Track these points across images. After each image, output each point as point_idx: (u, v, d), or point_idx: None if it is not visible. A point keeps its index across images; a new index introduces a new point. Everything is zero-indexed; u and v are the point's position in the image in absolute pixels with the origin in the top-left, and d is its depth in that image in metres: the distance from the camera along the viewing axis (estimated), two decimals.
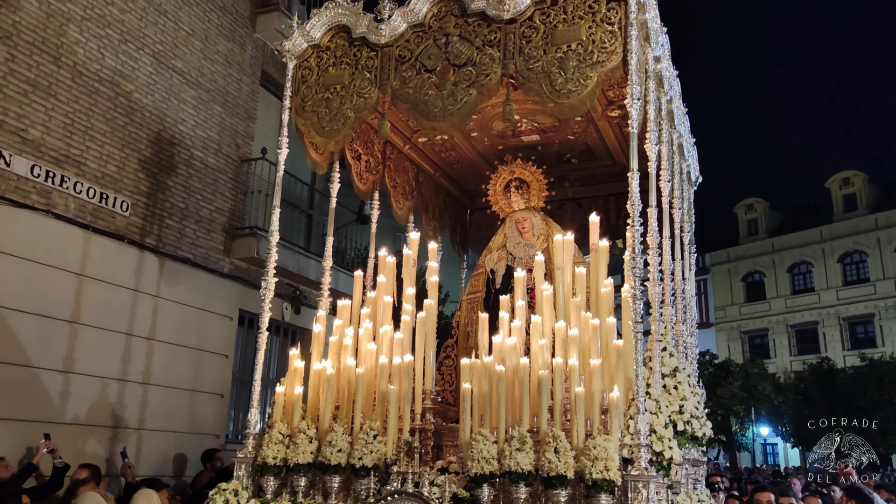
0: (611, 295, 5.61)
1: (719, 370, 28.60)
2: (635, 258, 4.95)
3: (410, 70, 5.50)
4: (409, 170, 7.58)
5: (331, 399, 5.36)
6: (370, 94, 5.60)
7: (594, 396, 4.99)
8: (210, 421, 9.95)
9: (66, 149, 8.06)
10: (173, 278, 9.38)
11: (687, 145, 7.29)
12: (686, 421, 5.43)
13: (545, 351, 5.28)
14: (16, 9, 7.54)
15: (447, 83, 5.34)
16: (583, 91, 5.08)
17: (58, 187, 7.90)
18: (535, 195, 7.04)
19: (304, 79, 5.91)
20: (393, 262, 6.21)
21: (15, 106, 7.51)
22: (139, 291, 8.92)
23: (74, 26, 8.21)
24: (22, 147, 7.54)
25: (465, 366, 5.28)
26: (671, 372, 5.52)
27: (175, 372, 9.34)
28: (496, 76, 5.27)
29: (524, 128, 7.06)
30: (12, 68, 7.50)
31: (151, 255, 9.13)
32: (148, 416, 8.93)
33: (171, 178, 9.52)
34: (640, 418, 4.68)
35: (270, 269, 5.63)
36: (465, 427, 5.07)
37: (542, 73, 5.16)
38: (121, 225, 8.77)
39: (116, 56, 8.76)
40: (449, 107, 5.30)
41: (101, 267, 8.36)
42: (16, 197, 7.44)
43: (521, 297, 5.83)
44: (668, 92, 6.25)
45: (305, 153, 6.10)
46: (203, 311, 9.87)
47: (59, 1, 8.02)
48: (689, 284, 7.50)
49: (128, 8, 8.99)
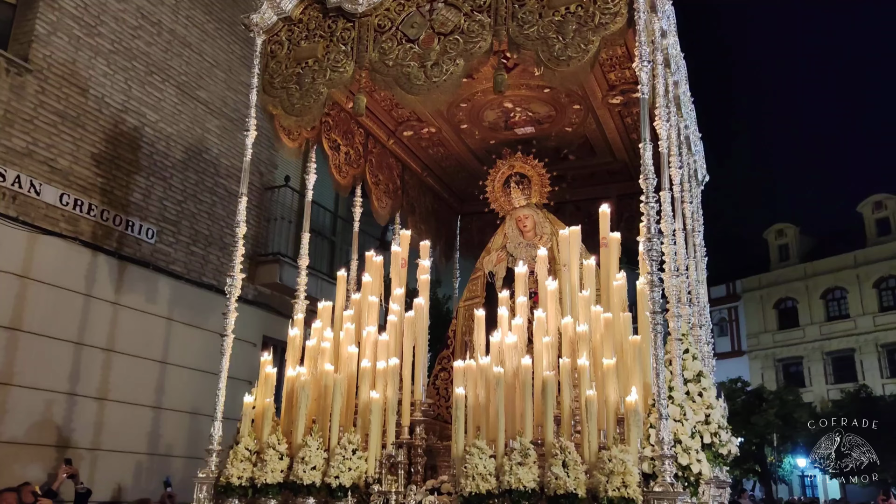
0: (624, 289, 4.84)
1: (752, 397, 27.22)
2: (651, 240, 4.19)
3: (391, 41, 4.82)
4: (393, 167, 6.85)
5: (305, 409, 4.52)
6: (345, 67, 4.91)
7: (608, 401, 4.19)
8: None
9: (93, 178, 8.16)
10: (198, 305, 9.30)
11: (694, 139, 6.62)
12: (713, 433, 4.60)
13: (550, 350, 4.48)
14: (46, 43, 7.72)
15: (431, 53, 4.67)
16: (584, 57, 4.43)
17: (85, 215, 8.00)
18: (536, 191, 6.32)
19: (274, 54, 5.22)
20: (380, 261, 5.44)
21: (45, 137, 7.64)
22: (170, 319, 8.93)
23: (102, 59, 8.38)
24: (51, 176, 7.67)
25: (459, 369, 4.47)
26: (695, 376, 4.72)
27: (202, 398, 8.77)
28: (486, 44, 4.61)
29: (517, 118, 6.37)
30: (42, 100, 7.64)
31: (177, 283, 9.20)
32: (179, 441, 8.82)
33: (196, 205, 9.56)
34: (664, 425, 3.86)
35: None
36: (458, 439, 4.24)
37: (538, 39, 4.50)
38: (147, 252, 8.81)
39: (142, 87, 8.87)
40: (434, 79, 4.61)
41: (129, 293, 8.43)
42: (45, 224, 7.56)
43: (522, 293, 5.04)
44: (675, 74, 5.58)
45: (276, 139, 5.42)
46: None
47: (87, 35, 8.20)
48: (702, 289, 6.73)
49: (153, 41, 9.14)
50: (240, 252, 4.95)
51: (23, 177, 7.40)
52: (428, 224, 7.33)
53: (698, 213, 6.92)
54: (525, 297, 5.01)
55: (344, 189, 6.22)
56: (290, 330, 5.09)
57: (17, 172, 7.35)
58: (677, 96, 5.75)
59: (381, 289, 5.35)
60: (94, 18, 8.30)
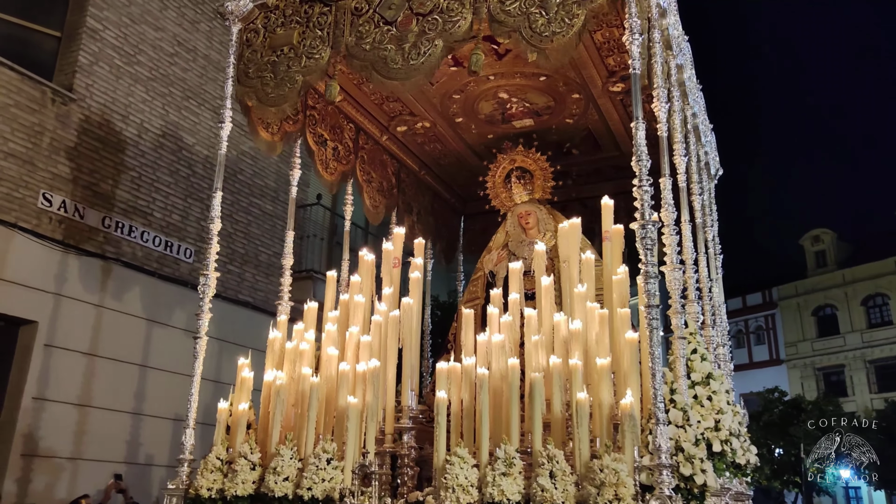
0: (624, 284, 4.43)
1: (790, 408, 26.14)
2: (646, 226, 3.79)
3: (368, 24, 4.50)
4: (387, 164, 6.49)
5: (280, 416, 4.18)
6: (321, 53, 4.60)
7: (602, 405, 3.78)
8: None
9: (134, 200, 8.30)
10: (235, 323, 9.27)
11: (704, 129, 6.16)
12: (724, 440, 4.15)
13: (540, 350, 4.08)
14: (89, 73, 7.91)
15: (409, 35, 4.34)
16: (568, 32, 4.08)
17: (126, 237, 8.15)
18: (539, 186, 5.94)
19: (249, 42, 4.93)
20: (371, 260, 5.09)
21: (87, 162, 7.80)
22: (208, 336, 8.69)
23: (141, 86, 8.52)
24: (94, 200, 7.83)
25: (441, 371, 4.09)
26: (703, 379, 4.27)
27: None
28: (466, 23, 4.27)
29: (515, 110, 5.99)
30: (85, 128, 7.82)
31: (214, 301, 8.79)
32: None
33: (231, 225, 9.62)
34: (661, 431, 3.45)
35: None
36: (440, 447, 3.86)
37: (520, 15, 4.16)
38: (185, 271, 8.84)
39: (179, 112, 8.99)
40: (412, 61, 4.28)
41: (170, 312, 8.48)
42: (89, 247, 7.73)
43: (515, 290, 4.65)
44: (678, 56, 5.16)
45: (253, 133, 5.12)
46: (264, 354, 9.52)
47: (127, 64, 8.36)
48: (718, 288, 6.26)
49: (189, 67, 9.24)
50: (214, 249, 4.65)
51: (68, 201, 7.58)
52: (427, 224, 6.97)
53: (711, 207, 6.47)
54: (518, 294, 4.62)
55: (331, 186, 5.89)
56: (271, 332, 4.76)
57: (63, 197, 7.53)
58: (682, 82, 5.34)
59: (371, 289, 5.00)
60: (133, 48, 8.45)
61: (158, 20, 8.84)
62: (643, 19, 4.30)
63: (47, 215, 7.35)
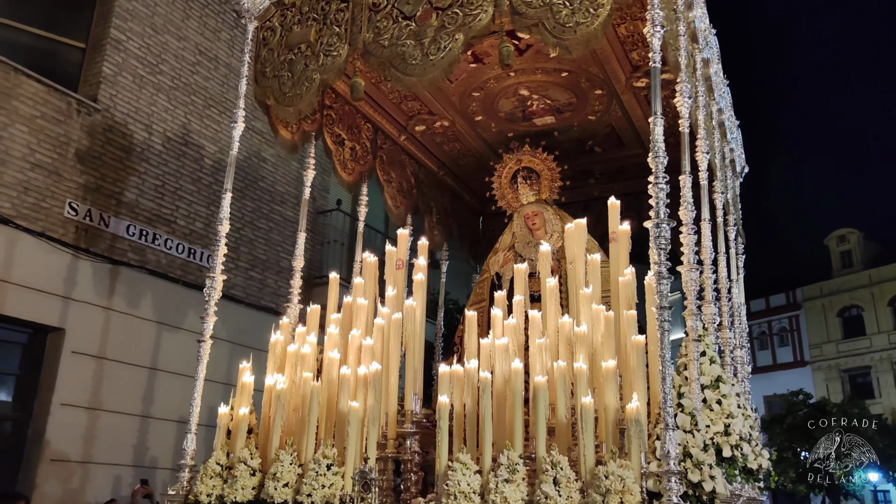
0: (631, 285, 4.18)
1: (815, 411, 25.25)
2: (660, 225, 3.55)
3: (386, 19, 4.29)
4: (406, 164, 6.26)
5: (280, 420, 4.01)
6: (339, 50, 4.39)
7: (608, 409, 3.55)
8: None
9: (158, 209, 8.28)
10: (258, 328, 9.08)
11: (730, 125, 5.87)
12: (734, 445, 3.89)
13: (544, 353, 3.86)
14: (113, 83, 7.90)
15: (428, 30, 4.12)
16: (593, 22, 3.85)
17: (150, 244, 8.12)
18: (546, 186, 5.69)
19: (266, 41, 4.76)
20: (375, 262, 4.91)
21: (112, 172, 7.79)
22: (231, 342, 8.69)
23: (164, 96, 8.49)
24: (118, 209, 7.83)
25: (443, 374, 3.89)
26: (713, 382, 4.01)
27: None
28: (487, 16, 4.04)
29: (535, 107, 5.75)
30: (109, 137, 7.80)
31: (237, 307, 9.11)
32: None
33: (253, 231, 9.61)
34: (669, 437, 3.21)
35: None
36: (442, 453, 3.66)
37: (542, 7, 3.93)
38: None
39: (201, 120, 8.96)
40: (430, 56, 4.06)
41: (191, 319, 8.15)
42: (113, 255, 7.73)
43: (520, 291, 4.43)
44: (704, 50, 4.90)
45: (273, 132, 4.99)
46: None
47: (150, 74, 8.34)
48: (738, 289, 5.96)
49: (211, 76, 9.20)
50: (221, 251, 4.49)
51: (93, 210, 7.58)
52: (446, 225, 6.73)
53: (735, 205, 6.16)
54: (522, 295, 4.40)
55: (349, 187, 5.71)
56: (273, 334, 4.60)
57: (88, 207, 7.53)
58: (708, 76, 5.08)
59: (375, 292, 4.81)
60: (155, 57, 8.43)
61: (181, 30, 8.81)
62: (668, 10, 4.07)
63: (73, 224, 7.35)
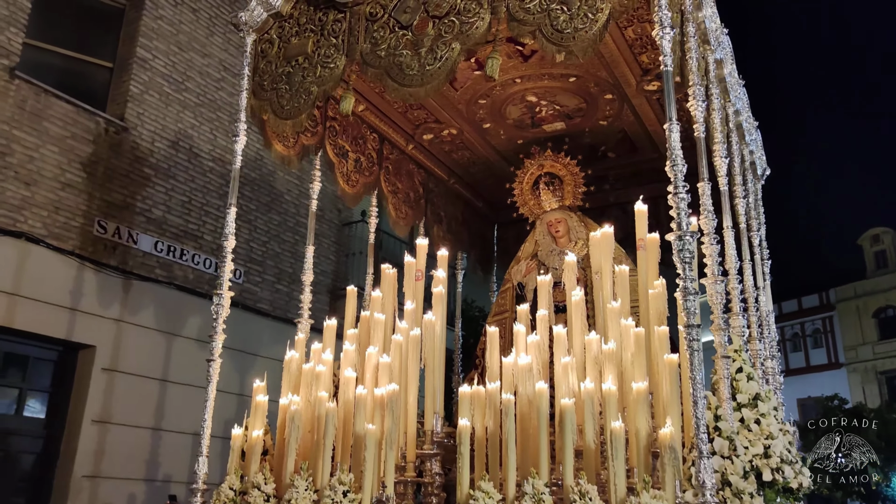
0: (662, 298, 3.84)
1: (851, 416, 24.20)
2: (683, 237, 3.22)
3: (383, 29, 4.05)
4: (414, 173, 5.99)
5: (295, 443, 3.75)
6: (336, 62, 4.17)
7: (639, 433, 3.22)
8: None
9: (185, 225, 8.16)
10: (286, 342, 8.98)
11: (748, 126, 5.50)
12: (775, 468, 3.52)
13: (570, 372, 3.54)
14: (140, 102, 7.80)
15: (425, 39, 3.88)
16: (592, 27, 3.57)
17: (178, 260, 7.99)
18: (569, 192, 5.36)
19: (264, 53, 4.54)
20: (394, 274, 4.64)
21: (140, 189, 7.69)
22: (255, 355, 8.65)
23: (189, 112, 8.37)
24: (146, 226, 7.73)
25: (464, 395, 3.59)
26: (750, 400, 3.65)
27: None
28: (484, 23, 3.79)
29: (544, 113, 5.44)
30: (137, 156, 7.69)
31: (264, 320, 9.01)
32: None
33: (279, 245, 9.45)
34: (705, 465, 2.87)
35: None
36: (463, 479, 3.36)
37: (540, 13, 3.67)
38: (235, 292, 8.79)
39: (227, 136, 8.70)
40: (427, 66, 3.82)
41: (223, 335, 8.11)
42: (142, 272, 7.62)
43: (544, 305, 4.12)
44: (717, 50, 4.55)
45: (266, 145, 4.79)
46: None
47: (176, 91, 8.21)
48: (766, 297, 5.56)
49: (235, 91, 9.73)
50: (228, 268, 4.27)
51: (122, 228, 7.48)
52: (458, 234, 6.44)
53: (757, 209, 5.78)
54: (546, 309, 4.08)
55: (352, 199, 5.45)
56: (288, 352, 4.35)
57: (117, 224, 7.42)
58: (722, 77, 4.73)
59: (394, 305, 4.54)
60: (181, 75, 8.31)
61: (205, 46, 8.68)
62: (675, 12, 3.76)
63: (102, 242, 7.23)
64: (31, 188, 6.77)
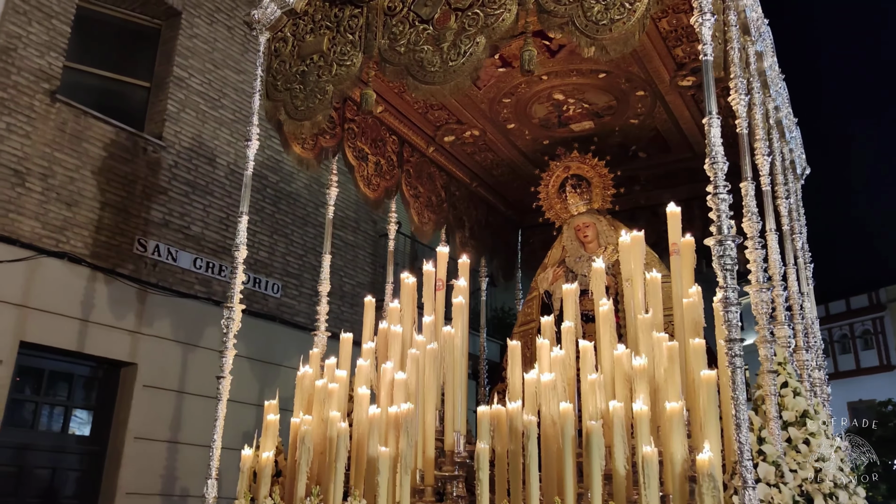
0: (697, 308, 3.40)
1: None
2: (724, 242, 2.80)
3: (402, 23, 3.73)
4: (436, 177, 5.64)
5: (306, 465, 3.43)
6: (353, 59, 3.85)
7: (674, 458, 2.79)
8: None
9: (223, 240, 8.04)
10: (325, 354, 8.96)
11: (788, 123, 5.01)
12: (828, 494, 3.05)
13: (598, 391, 3.13)
14: (176, 120, 7.75)
15: (448, 33, 3.54)
16: (630, 18, 3.19)
17: (216, 276, 7.87)
18: (598, 195, 4.96)
19: (278, 52, 4.25)
20: (413, 283, 4.30)
21: (178, 206, 7.63)
22: (291, 368, 8.45)
23: (226, 129, 8.27)
24: (185, 243, 7.66)
25: (482, 415, 3.22)
26: (798, 418, 3.19)
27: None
28: (511, 16, 3.43)
29: (572, 112, 5.03)
30: (175, 173, 7.65)
31: (301, 333, 8.73)
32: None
33: (315, 258, 9.18)
34: (749, 497, 2.44)
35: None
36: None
37: (572, 3, 3.29)
38: (273, 306, 8.53)
39: (262, 151, 8.56)
40: (451, 63, 3.48)
41: (258, 347, 8.08)
42: (182, 288, 7.53)
43: (570, 316, 3.72)
44: (757, 41, 4.10)
45: (284, 148, 4.53)
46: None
47: (212, 108, 8.14)
48: (810, 303, 5.04)
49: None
50: (239, 279, 4.00)
51: (161, 245, 7.40)
52: (481, 239, 6.06)
53: (799, 210, 5.27)
54: (573, 322, 3.68)
55: (374, 204, 5.12)
56: (301, 367, 4.05)
57: (156, 242, 7.35)
58: (762, 70, 4.27)
59: (413, 317, 4.20)
60: (217, 92, 8.23)
61: (239, 63, 8.53)
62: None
63: (142, 260, 7.14)
64: (72, 209, 6.72)
